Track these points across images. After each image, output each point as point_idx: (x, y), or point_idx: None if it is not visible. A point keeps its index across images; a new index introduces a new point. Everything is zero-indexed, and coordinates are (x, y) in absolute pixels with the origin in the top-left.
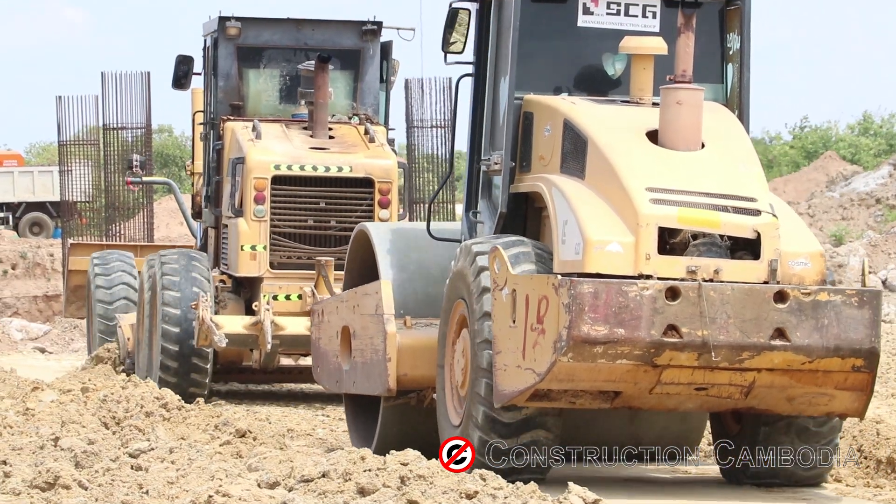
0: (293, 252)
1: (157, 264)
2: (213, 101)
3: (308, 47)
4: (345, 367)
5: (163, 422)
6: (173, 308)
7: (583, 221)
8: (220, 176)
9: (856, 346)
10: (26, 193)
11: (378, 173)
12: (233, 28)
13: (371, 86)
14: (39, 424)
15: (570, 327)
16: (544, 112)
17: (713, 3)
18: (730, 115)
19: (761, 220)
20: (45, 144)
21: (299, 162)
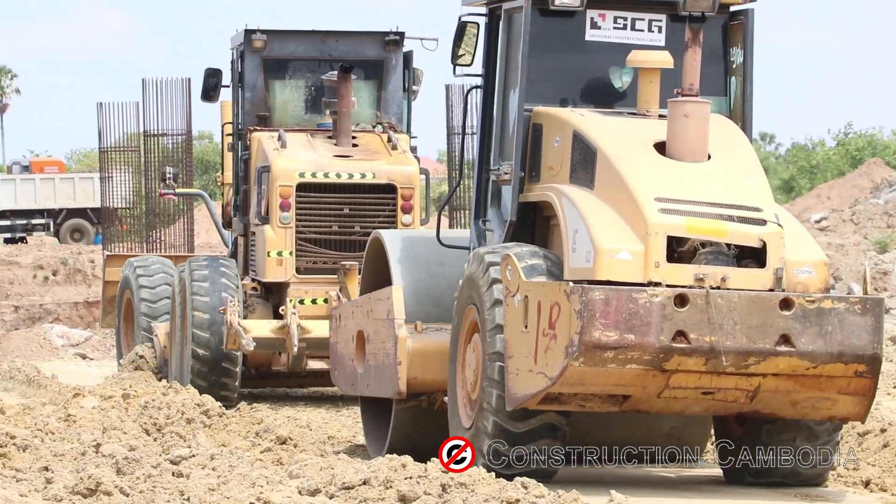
0: (318, 257)
1: (186, 270)
2: (241, 113)
3: (332, 58)
4: (359, 371)
5: (204, 428)
6: (203, 312)
7: (593, 230)
8: (248, 185)
9: (859, 351)
10: (67, 200)
11: (400, 179)
12: (258, 41)
13: (394, 95)
14: (81, 431)
15: (582, 333)
16: (553, 123)
17: (717, 18)
18: (734, 127)
19: (767, 230)
20: (85, 151)
21: (323, 169)
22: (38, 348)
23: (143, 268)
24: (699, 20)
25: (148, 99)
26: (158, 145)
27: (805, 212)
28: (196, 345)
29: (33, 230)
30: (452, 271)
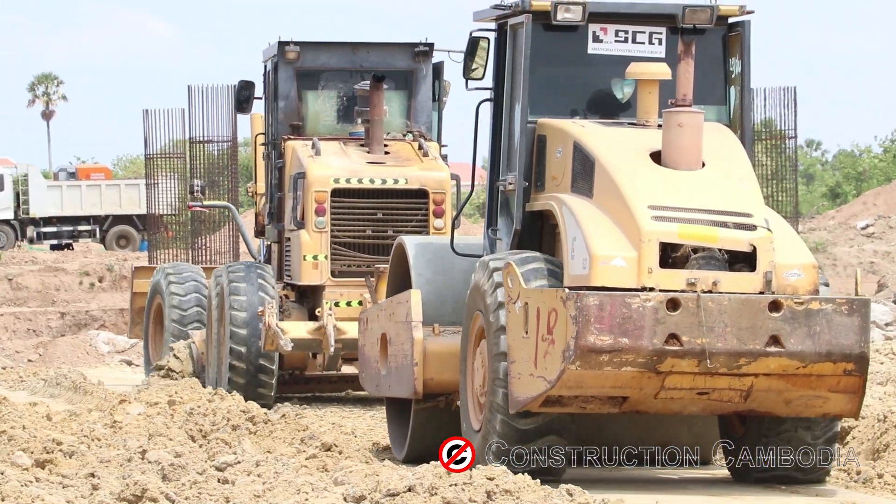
0: (353, 261)
1: (224, 275)
2: (274, 122)
3: (363, 69)
4: (382, 372)
5: (249, 435)
6: (240, 311)
7: (589, 238)
8: (283, 192)
9: (846, 351)
10: (113, 206)
11: (432, 185)
12: (292, 52)
13: (424, 104)
14: (127, 437)
15: (578, 337)
16: (556, 135)
17: (716, 30)
18: (731, 135)
19: (757, 235)
20: (132, 158)
21: (357, 175)
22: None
23: (174, 275)
24: (696, 32)
25: (194, 106)
26: (204, 152)
27: (851, 218)
28: (234, 342)
29: (79, 237)
30: (470, 276)
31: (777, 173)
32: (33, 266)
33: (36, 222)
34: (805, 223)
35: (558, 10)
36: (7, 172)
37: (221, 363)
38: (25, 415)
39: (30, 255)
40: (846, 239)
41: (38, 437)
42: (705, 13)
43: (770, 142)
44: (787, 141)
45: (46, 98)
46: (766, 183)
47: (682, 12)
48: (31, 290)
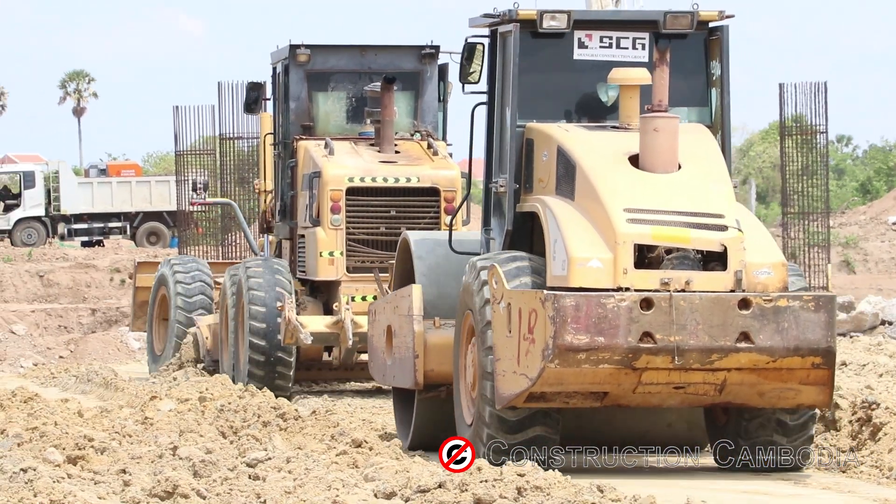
0: (367, 257)
1: (241, 271)
2: (285, 123)
3: (371, 71)
4: (388, 362)
5: (279, 431)
6: (259, 306)
7: (568, 240)
8: (295, 191)
9: (813, 345)
10: (143, 203)
11: (443, 183)
12: (303, 55)
13: (430, 105)
14: (158, 433)
15: (556, 337)
16: (542, 139)
17: (697, 35)
18: (708, 136)
19: (728, 235)
20: (162, 154)
21: (371, 174)
22: (114, 351)
23: (179, 265)
24: (675, 38)
25: (224, 102)
26: (234, 148)
27: (882, 213)
28: (253, 336)
29: (110, 233)
30: None
31: (808, 169)
32: (64, 263)
33: (67, 219)
34: (836, 218)
35: (544, 18)
36: (38, 169)
37: (239, 355)
38: (57, 411)
39: (61, 251)
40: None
41: (70, 434)
42: (686, 18)
43: (801, 137)
44: (818, 136)
45: (78, 95)
46: (796, 178)
47: (663, 18)
48: (63, 287)
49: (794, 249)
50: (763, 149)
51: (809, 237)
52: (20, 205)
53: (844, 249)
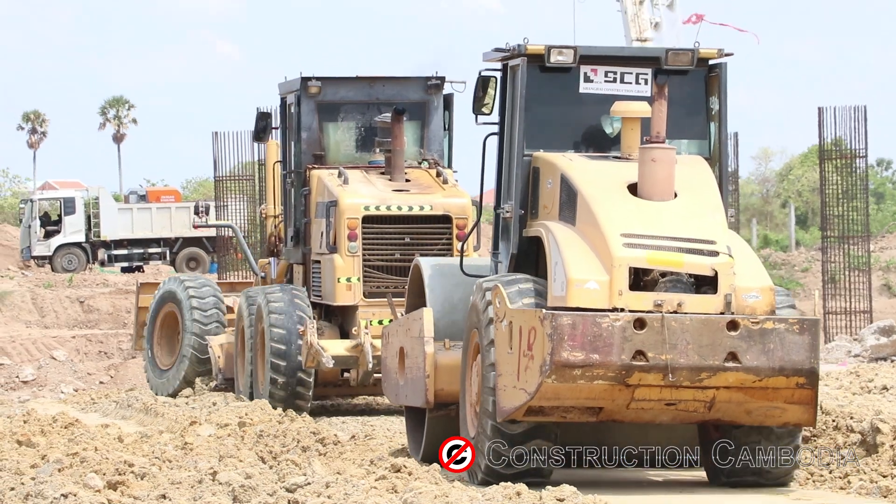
0: (383, 282)
1: (261, 296)
2: (297, 152)
3: (380, 101)
4: (401, 383)
5: (319, 456)
6: (280, 329)
7: (567, 263)
8: (308, 218)
9: (798, 366)
10: (183, 229)
11: (455, 210)
12: (314, 87)
13: (436, 134)
14: (198, 458)
15: (553, 353)
16: (547, 167)
17: (698, 71)
18: (705, 167)
19: (719, 261)
20: (201, 180)
21: (386, 202)
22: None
23: (191, 282)
24: (676, 74)
25: None
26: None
27: None
28: (274, 357)
29: (150, 259)
30: None
31: (847, 192)
32: (104, 288)
33: (107, 245)
34: (876, 242)
35: (552, 53)
36: (78, 195)
37: (258, 375)
38: (97, 437)
39: (101, 277)
40: None
41: (110, 459)
42: (686, 56)
43: (840, 161)
44: (858, 160)
45: (117, 121)
46: (836, 202)
47: (665, 55)
48: (103, 313)
49: (833, 273)
50: (802, 172)
51: (850, 261)
52: (61, 231)
53: (885, 273)
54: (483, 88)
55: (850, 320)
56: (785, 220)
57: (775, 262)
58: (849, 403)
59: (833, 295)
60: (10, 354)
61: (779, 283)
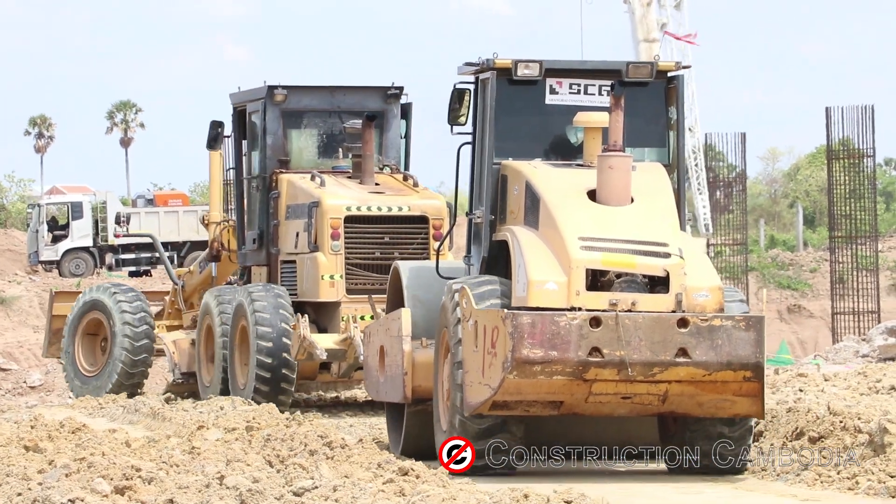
0: (365, 280)
1: (244, 296)
2: (262, 158)
3: (341, 110)
4: (381, 379)
5: (326, 460)
6: (267, 328)
7: (528, 265)
8: (278, 220)
9: (744, 360)
10: (191, 232)
11: (431, 211)
12: (280, 95)
13: (394, 141)
14: (205, 463)
15: (514, 351)
16: (514, 175)
17: (658, 83)
18: (662, 173)
19: (670, 262)
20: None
21: (366, 203)
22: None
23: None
24: (636, 85)
25: None
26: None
27: None
28: (261, 355)
29: (157, 263)
30: None
31: (855, 192)
32: None
33: (115, 249)
34: (884, 242)
35: (518, 67)
36: (86, 200)
37: (235, 371)
38: (105, 441)
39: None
40: None
41: (118, 464)
42: (646, 68)
43: (848, 160)
44: (865, 159)
45: (125, 125)
46: (844, 202)
47: (626, 68)
48: None
49: (841, 273)
50: (810, 172)
51: (858, 261)
52: (68, 235)
53: (893, 273)
54: (458, 100)
55: (858, 320)
56: (793, 220)
57: (783, 262)
58: (857, 404)
59: (841, 295)
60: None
61: (787, 283)
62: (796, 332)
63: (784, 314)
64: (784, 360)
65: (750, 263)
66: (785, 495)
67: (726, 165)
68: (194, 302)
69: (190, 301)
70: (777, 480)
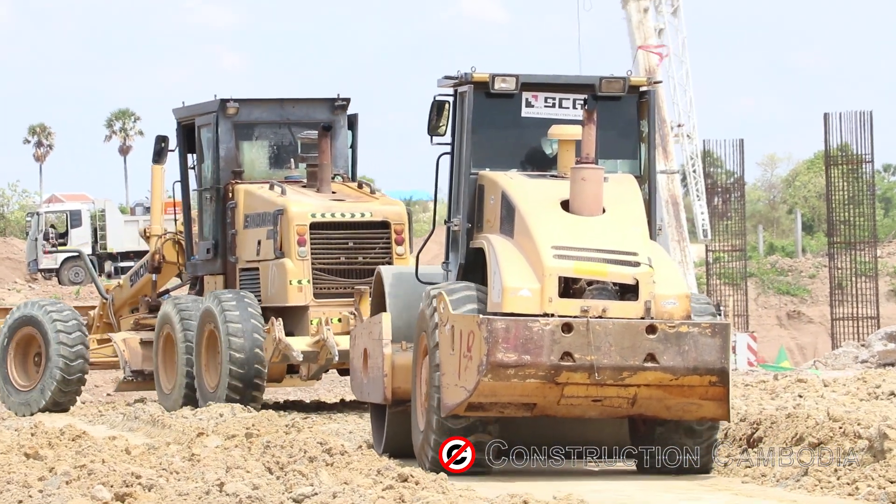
0: (331, 284)
1: (213, 302)
2: (215, 169)
3: (290, 122)
4: (364, 381)
5: (326, 467)
6: (238, 337)
7: (503, 272)
8: (236, 229)
9: (710, 366)
10: None
11: (393, 217)
12: (232, 108)
13: (342, 150)
14: (205, 470)
15: (488, 354)
16: (491, 185)
17: (630, 97)
18: (634, 185)
19: (640, 270)
20: None
21: (330, 210)
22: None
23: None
24: (609, 100)
25: None
26: None
27: None
28: (233, 363)
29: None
30: None
31: (854, 198)
32: None
33: (113, 257)
34: (883, 248)
35: (495, 80)
36: (84, 208)
37: (202, 375)
38: (105, 449)
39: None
40: None
41: (118, 471)
42: (619, 83)
43: (846, 166)
44: (864, 165)
45: (123, 134)
46: (842, 208)
47: (599, 83)
48: None
49: (840, 279)
50: (809, 178)
51: (857, 267)
52: (67, 244)
53: (892, 279)
54: (438, 112)
55: (858, 326)
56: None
57: (782, 268)
58: (856, 409)
59: (840, 301)
60: None
61: (786, 289)
62: (795, 338)
63: (783, 320)
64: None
65: (749, 269)
66: (785, 501)
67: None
68: (124, 315)
69: (119, 314)
70: (777, 486)
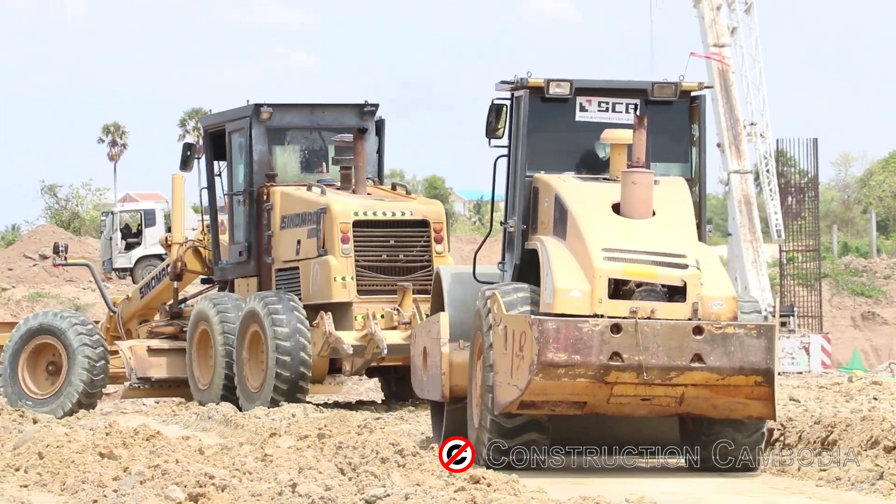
0: (374, 280)
1: (258, 303)
2: (248, 173)
3: (320, 127)
4: (424, 378)
5: (398, 468)
6: (284, 329)
7: (554, 273)
8: (272, 230)
9: (755, 366)
10: None
11: (432, 216)
12: (266, 112)
13: (370, 155)
14: (277, 470)
15: (540, 354)
16: (545, 187)
17: (682, 102)
18: (684, 188)
19: (688, 273)
20: None
21: (372, 209)
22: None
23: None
24: (662, 104)
25: None
26: None
27: None
28: (279, 367)
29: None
30: None
31: None
32: None
33: None
34: None
35: (550, 86)
36: (158, 207)
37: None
38: (178, 449)
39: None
40: None
41: (191, 471)
42: (671, 88)
43: None
44: None
45: (197, 133)
46: None
47: (651, 87)
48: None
49: None
50: (884, 178)
51: None
52: (141, 243)
53: None
54: (496, 115)
55: None
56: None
57: (856, 268)
58: None
59: None
60: None
61: (860, 290)
62: (870, 340)
63: (858, 321)
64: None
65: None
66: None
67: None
68: (132, 328)
69: (127, 326)
70: (852, 489)
